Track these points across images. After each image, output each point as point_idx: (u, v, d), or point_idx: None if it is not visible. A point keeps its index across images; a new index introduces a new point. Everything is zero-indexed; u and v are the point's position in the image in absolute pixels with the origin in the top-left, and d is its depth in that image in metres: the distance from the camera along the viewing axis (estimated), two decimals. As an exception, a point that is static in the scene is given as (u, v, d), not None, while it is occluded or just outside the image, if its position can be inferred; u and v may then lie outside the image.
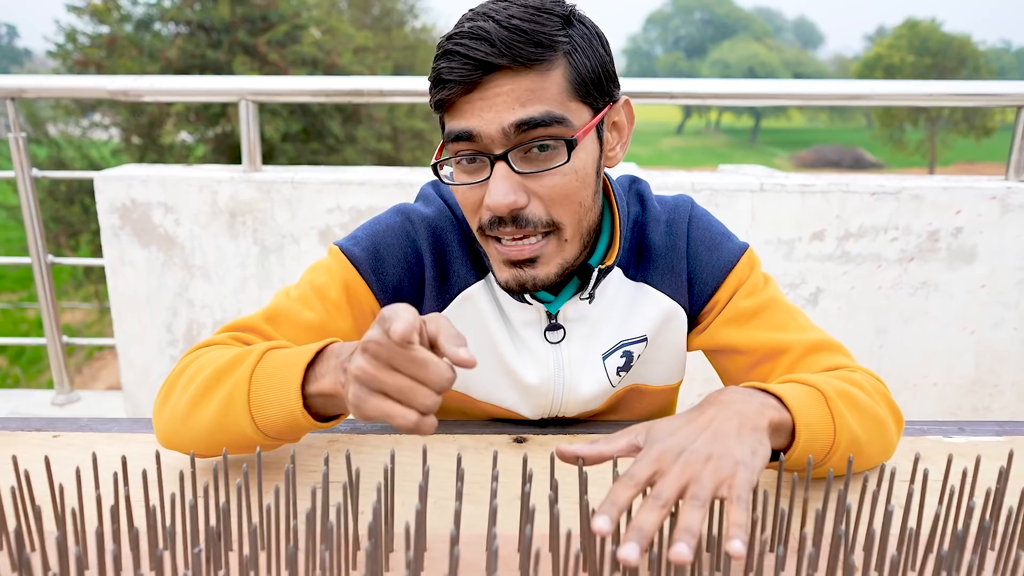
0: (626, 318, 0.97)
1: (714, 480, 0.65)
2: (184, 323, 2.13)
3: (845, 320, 2.07)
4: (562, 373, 0.96)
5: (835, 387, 0.83)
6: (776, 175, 2.12)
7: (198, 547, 0.55)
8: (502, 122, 0.78)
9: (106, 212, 2.06)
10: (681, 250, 0.97)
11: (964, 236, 2.02)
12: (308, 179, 2.02)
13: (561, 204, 0.83)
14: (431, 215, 0.96)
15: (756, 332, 0.96)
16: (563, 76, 0.80)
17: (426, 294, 0.96)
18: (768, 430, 0.73)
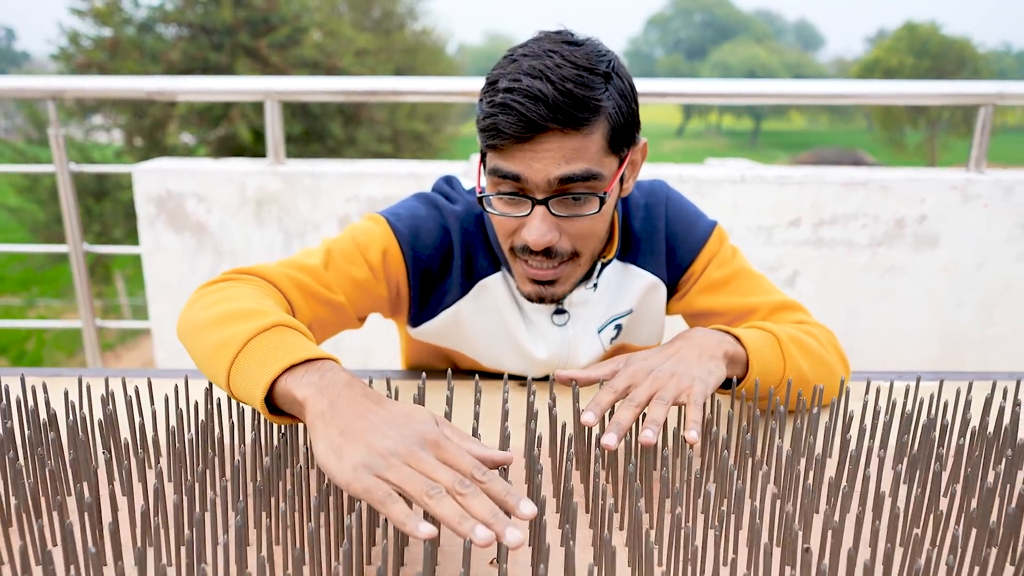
0: (616, 296, 1.14)
1: (676, 389, 0.84)
2: (213, 304, 2.32)
3: (820, 301, 2.26)
4: (566, 348, 1.13)
5: (788, 333, 1.02)
6: (757, 168, 2.31)
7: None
8: (548, 174, 0.91)
9: (143, 202, 2.25)
10: (660, 231, 1.14)
11: (928, 223, 2.21)
12: (328, 171, 2.21)
13: (585, 240, 1.00)
14: (460, 211, 1.11)
15: (728, 297, 1.14)
16: (602, 135, 0.92)
17: (451, 278, 1.11)
18: (724, 359, 0.92)
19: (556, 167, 0.91)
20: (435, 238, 1.09)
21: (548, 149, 0.90)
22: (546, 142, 0.90)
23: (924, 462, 0.78)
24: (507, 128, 0.89)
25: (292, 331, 0.82)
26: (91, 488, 0.68)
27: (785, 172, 2.19)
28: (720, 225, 1.16)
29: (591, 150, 0.92)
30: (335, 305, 1.04)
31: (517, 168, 0.92)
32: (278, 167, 2.25)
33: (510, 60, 0.93)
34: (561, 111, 0.88)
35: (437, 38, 22.17)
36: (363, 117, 14.98)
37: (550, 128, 0.89)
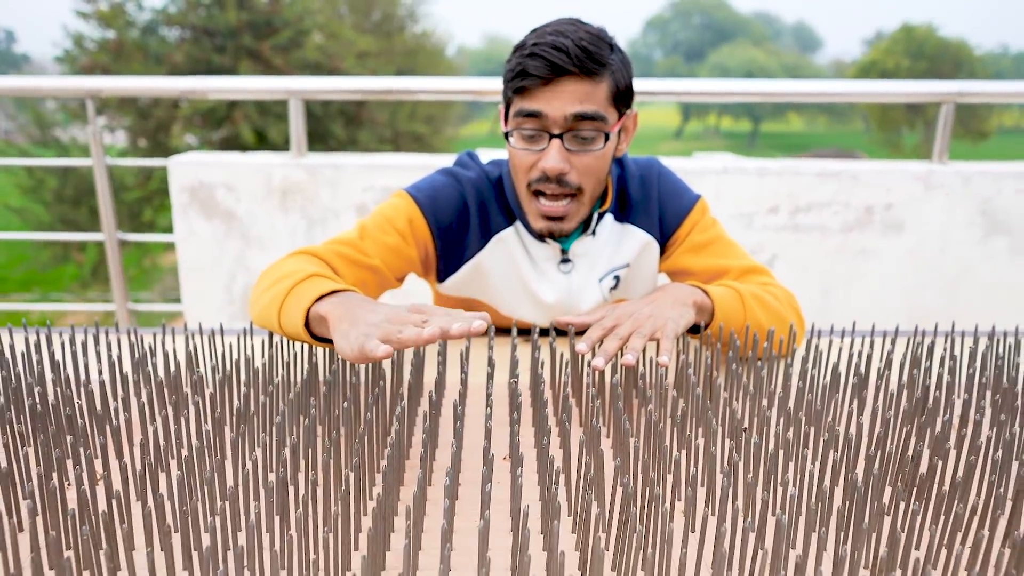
0: (615, 250, 1.36)
1: (652, 327, 1.05)
2: (241, 286, 2.53)
3: (796, 281, 2.47)
4: (570, 294, 1.35)
5: (751, 291, 1.23)
6: (739, 160, 2.52)
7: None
8: (565, 111, 1.15)
9: (177, 191, 2.46)
10: (653, 198, 1.36)
11: (894, 210, 2.42)
12: (347, 163, 2.43)
13: (589, 176, 1.22)
14: (474, 177, 1.33)
15: (706, 259, 1.35)
16: (607, 88, 1.17)
17: (470, 234, 1.33)
18: (693, 307, 1.13)
19: (572, 105, 1.15)
20: (453, 202, 1.31)
21: (566, 90, 1.14)
22: (565, 84, 1.14)
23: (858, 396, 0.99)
24: (535, 71, 1.14)
25: (322, 278, 1.06)
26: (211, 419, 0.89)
27: (764, 164, 2.41)
28: (703, 198, 1.37)
29: (599, 96, 1.16)
30: (373, 268, 1.25)
31: (540, 106, 1.15)
32: (301, 159, 2.46)
33: (535, 32, 1.18)
34: (579, 60, 1.13)
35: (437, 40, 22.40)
36: (364, 118, 15.14)
37: (570, 72, 1.13)
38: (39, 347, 0.96)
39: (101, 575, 0.60)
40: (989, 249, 2.44)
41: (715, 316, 1.16)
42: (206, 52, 14.74)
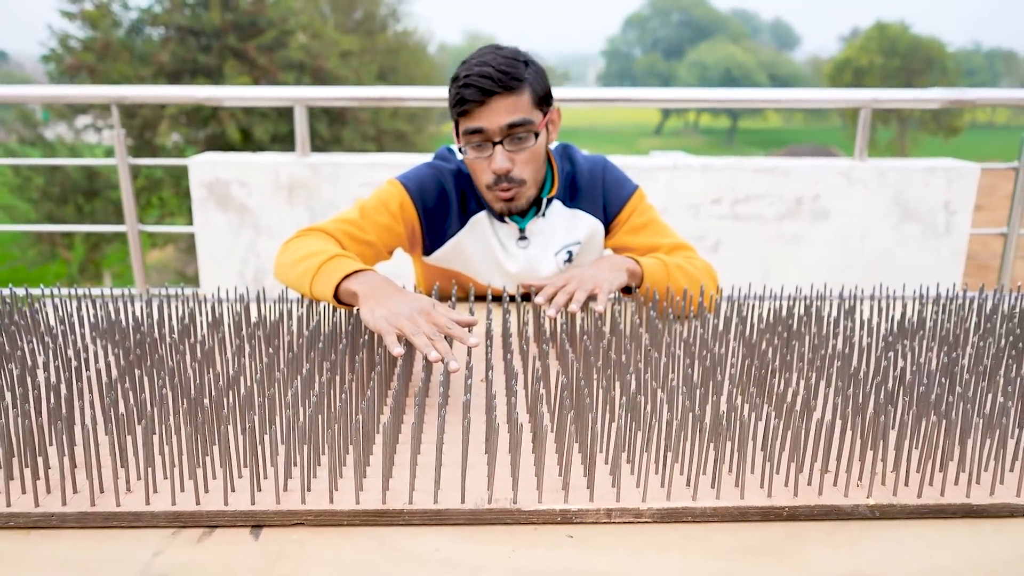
0: (567, 230, 1.71)
1: (592, 285, 1.42)
2: (252, 270, 2.88)
3: (738, 264, 2.85)
4: (530, 265, 1.71)
5: (674, 262, 1.60)
6: (688, 159, 2.90)
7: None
8: (500, 123, 1.47)
9: (196, 187, 2.81)
10: (598, 188, 1.72)
11: (821, 201, 2.81)
12: (346, 162, 2.78)
13: (527, 166, 1.57)
14: (452, 168, 1.68)
15: (642, 238, 1.71)
16: (528, 96, 1.52)
17: (451, 216, 1.68)
18: (626, 272, 1.50)
19: (504, 117, 1.48)
20: (435, 189, 1.65)
21: (497, 106, 1.47)
22: (495, 102, 1.46)
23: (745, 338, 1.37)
24: (470, 97, 1.46)
25: (346, 258, 1.39)
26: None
27: (708, 161, 2.79)
28: (641, 188, 1.73)
29: (523, 104, 1.50)
30: (369, 243, 1.60)
31: (480, 123, 1.48)
32: (305, 159, 2.82)
33: (464, 64, 1.53)
34: (502, 81, 1.46)
35: (419, 39, 22.69)
36: (348, 117, 15.36)
37: (497, 92, 1.46)
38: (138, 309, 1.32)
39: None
40: (902, 234, 2.83)
41: (644, 280, 1.53)
42: (191, 52, 14.89)
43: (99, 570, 0.79)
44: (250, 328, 1.30)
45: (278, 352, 1.23)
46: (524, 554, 0.83)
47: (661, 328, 1.32)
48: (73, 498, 0.88)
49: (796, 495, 0.90)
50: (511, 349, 1.17)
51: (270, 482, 0.91)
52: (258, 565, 0.80)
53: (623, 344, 1.27)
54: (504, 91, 1.47)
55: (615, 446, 0.91)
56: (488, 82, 1.46)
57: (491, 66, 1.46)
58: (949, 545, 0.85)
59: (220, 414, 0.96)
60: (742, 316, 1.33)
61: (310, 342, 1.23)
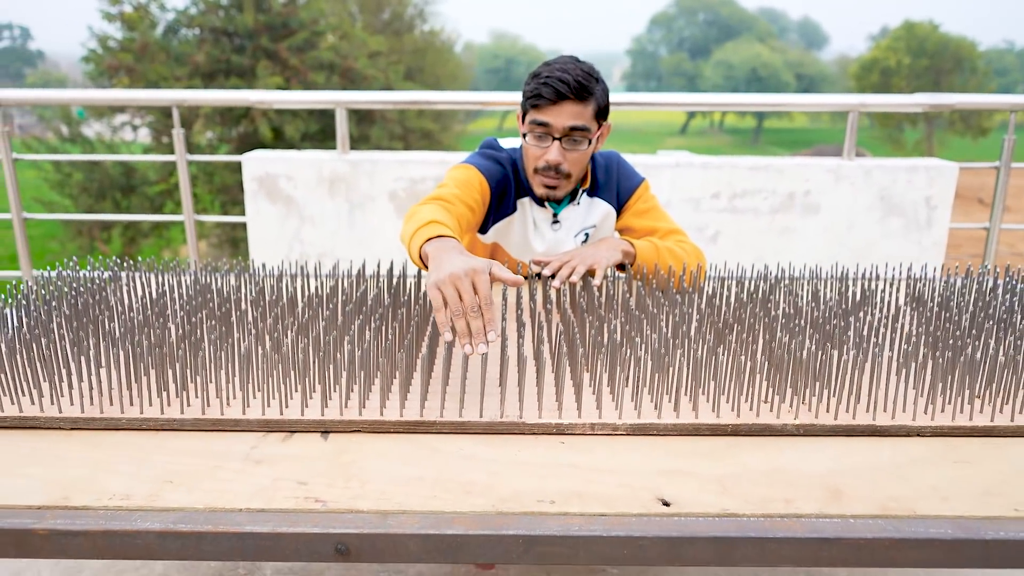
0: (587, 215, 2.00)
1: (591, 261, 1.72)
2: (297, 255, 3.21)
3: (735, 254, 3.13)
4: (556, 245, 2.00)
5: (666, 245, 1.90)
6: (691, 157, 3.19)
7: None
8: (564, 124, 1.72)
9: (249, 180, 3.14)
10: (613, 178, 2.01)
11: (811, 196, 3.08)
12: (382, 158, 3.11)
13: (576, 165, 1.85)
14: (505, 156, 1.94)
15: (643, 221, 2.01)
16: (593, 108, 1.73)
17: (509, 198, 1.94)
18: (620, 251, 1.80)
19: (569, 120, 1.73)
20: (498, 174, 1.91)
21: (566, 109, 1.71)
22: (565, 105, 1.71)
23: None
24: (547, 95, 1.71)
25: (437, 224, 1.51)
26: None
27: (707, 159, 3.08)
28: (647, 180, 2.02)
29: (587, 114, 1.76)
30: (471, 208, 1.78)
31: (548, 119, 1.73)
32: (345, 156, 3.14)
33: (546, 64, 1.78)
34: (576, 90, 1.72)
35: (446, 39, 23.01)
36: (376, 116, 15.64)
37: (569, 98, 1.71)
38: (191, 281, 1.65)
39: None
40: (887, 227, 3.10)
41: (636, 259, 1.82)
42: (226, 53, 15.22)
43: (215, 457, 1.10)
44: (311, 293, 1.62)
45: (340, 306, 1.55)
46: (527, 453, 1.13)
47: (645, 295, 1.61)
48: (188, 408, 1.20)
49: (738, 416, 1.20)
50: (522, 307, 1.48)
51: (335, 399, 1.23)
52: (327, 457, 1.11)
53: (613, 306, 1.57)
54: (575, 98, 1.71)
55: (599, 376, 1.22)
56: (565, 87, 1.69)
57: (571, 74, 1.70)
58: (855, 453, 1.14)
59: (299, 346, 1.28)
60: (714, 289, 1.62)
61: (362, 300, 1.55)
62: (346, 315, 1.44)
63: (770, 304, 1.56)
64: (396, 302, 1.55)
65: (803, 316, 1.50)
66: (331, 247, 3.20)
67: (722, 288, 1.63)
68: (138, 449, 1.11)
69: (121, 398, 1.19)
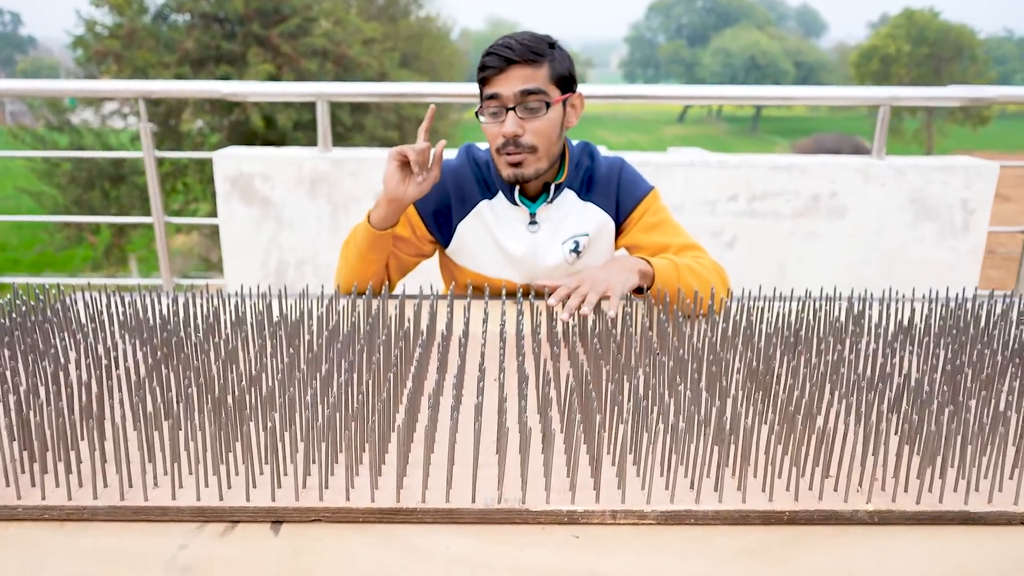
0: (578, 221, 1.75)
1: (604, 287, 1.46)
2: (275, 262, 2.94)
3: (754, 260, 2.87)
4: (535, 249, 1.75)
5: (684, 262, 1.63)
6: (705, 155, 2.92)
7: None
8: (514, 89, 1.56)
9: (221, 180, 2.87)
10: (614, 185, 1.76)
11: (838, 198, 2.82)
12: (367, 156, 2.83)
13: (538, 136, 1.62)
14: (456, 165, 1.75)
15: (654, 237, 1.75)
16: (547, 72, 1.60)
17: (453, 212, 1.74)
18: (637, 274, 1.54)
19: (519, 84, 1.57)
20: (434, 189, 1.72)
21: (514, 74, 1.57)
22: (513, 70, 1.57)
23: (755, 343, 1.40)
24: (491, 63, 1.58)
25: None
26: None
27: (724, 158, 2.81)
28: (657, 189, 1.77)
29: (540, 76, 1.58)
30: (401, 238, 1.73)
31: (497, 89, 1.57)
32: (327, 154, 2.87)
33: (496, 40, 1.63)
34: (521, 52, 1.56)
35: (442, 25, 22.67)
36: (371, 105, 15.42)
37: (515, 62, 1.56)
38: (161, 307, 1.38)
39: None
40: (918, 232, 2.84)
41: (655, 281, 1.56)
42: (216, 39, 14.99)
43: (128, 562, 0.84)
44: (272, 327, 1.35)
45: (299, 351, 1.28)
46: (531, 553, 0.87)
47: (670, 331, 1.35)
48: (104, 492, 0.93)
49: (796, 500, 0.93)
50: (523, 350, 1.22)
51: (290, 479, 0.96)
52: (278, 559, 0.85)
53: (632, 346, 1.31)
54: (522, 62, 1.56)
55: (621, 449, 0.96)
56: (508, 51, 1.57)
57: (515, 39, 1.58)
58: (946, 551, 0.88)
59: (243, 412, 1.01)
60: (750, 320, 1.36)
61: (329, 342, 1.28)
62: (309, 362, 1.17)
63: (820, 341, 1.30)
64: (371, 342, 1.28)
65: (866, 359, 1.23)
66: (312, 253, 2.93)
67: (760, 320, 1.37)
68: (34, 548, 0.85)
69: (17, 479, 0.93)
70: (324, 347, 1.27)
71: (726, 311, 1.41)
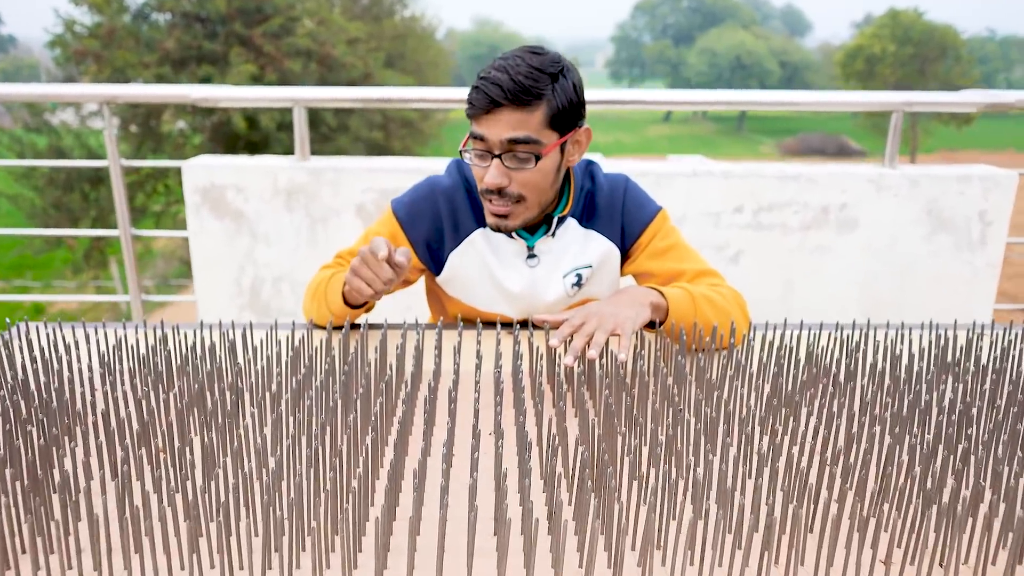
0: (579, 252, 1.58)
1: (613, 324, 1.27)
2: (249, 279, 2.75)
3: (760, 275, 2.70)
4: (535, 285, 1.57)
5: (701, 292, 1.45)
6: (708, 163, 2.75)
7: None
8: (500, 136, 1.36)
9: (190, 192, 2.67)
10: (617, 208, 1.58)
11: (848, 210, 2.65)
12: (348, 166, 2.64)
13: (527, 188, 1.43)
14: (450, 186, 1.55)
15: (665, 263, 1.57)
16: (543, 114, 1.37)
17: (445, 240, 1.56)
18: (649, 306, 1.36)
19: (506, 131, 1.35)
20: (427, 213, 1.55)
21: (502, 119, 1.35)
22: (501, 114, 1.34)
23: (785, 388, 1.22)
24: (477, 103, 1.36)
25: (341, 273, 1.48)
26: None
27: (729, 167, 2.63)
28: (665, 209, 1.59)
29: (533, 123, 1.35)
30: None
31: (483, 131, 1.37)
32: (304, 163, 2.67)
33: (493, 62, 1.39)
34: (512, 93, 1.32)
35: (427, 24, 22.44)
36: (355, 105, 15.19)
37: (503, 105, 1.33)
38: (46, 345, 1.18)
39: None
40: (934, 245, 2.68)
41: (669, 314, 1.38)
42: (197, 39, 14.75)
43: None
44: (232, 377, 1.16)
45: (261, 408, 1.10)
46: None
47: (689, 375, 1.18)
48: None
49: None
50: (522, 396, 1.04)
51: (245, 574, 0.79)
52: None
53: (648, 396, 1.13)
54: (514, 103, 1.33)
55: (644, 535, 0.78)
56: (498, 91, 1.33)
57: (509, 73, 1.33)
58: None
59: (188, 497, 0.83)
60: (780, 364, 1.19)
61: (297, 397, 1.09)
62: (274, 423, 0.99)
63: (863, 390, 1.13)
64: (348, 396, 1.10)
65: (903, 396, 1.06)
66: (289, 269, 2.73)
67: (790, 360, 1.19)
68: None
69: None
70: (290, 403, 1.08)
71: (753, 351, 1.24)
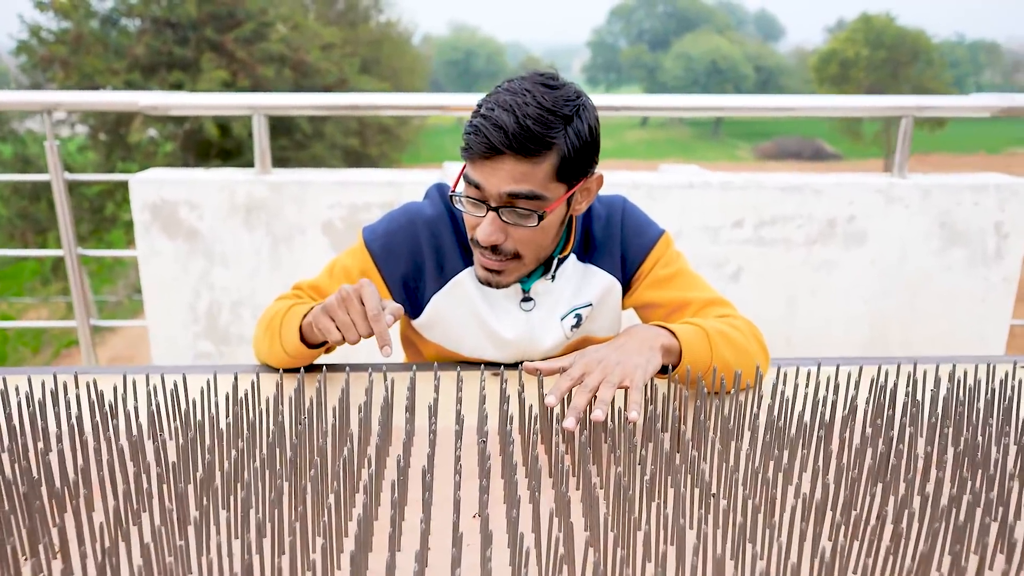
0: (577, 290, 1.36)
1: (621, 375, 1.06)
2: (206, 304, 2.50)
3: (761, 293, 2.50)
4: (531, 331, 1.35)
5: (715, 327, 1.24)
6: (704, 174, 2.55)
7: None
8: (499, 188, 1.14)
9: (139, 210, 2.42)
10: (616, 237, 1.36)
11: (856, 223, 2.46)
12: (313, 180, 2.40)
13: (527, 245, 1.22)
14: (433, 217, 1.33)
15: (669, 292, 1.36)
16: (550, 165, 1.14)
17: (426, 280, 1.33)
18: (660, 350, 1.14)
19: (506, 184, 1.14)
20: (406, 248, 1.32)
21: (503, 168, 1.13)
22: (502, 163, 1.13)
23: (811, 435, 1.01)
24: (475, 146, 1.13)
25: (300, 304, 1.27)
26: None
27: (728, 178, 2.43)
28: (668, 233, 1.38)
29: (538, 176, 1.14)
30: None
31: (479, 178, 1.15)
32: (265, 176, 2.44)
33: (496, 90, 1.16)
34: (516, 141, 1.10)
35: (403, 30, 22.21)
36: (330, 111, 14.96)
37: (506, 152, 1.11)
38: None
39: None
40: (947, 259, 2.49)
41: (682, 358, 1.17)
42: (168, 44, 14.48)
43: None
44: (164, 435, 0.93)
45: (211, 466, 0.87)
46: None
47: (712, 433, 0.97)
48: None
49: None
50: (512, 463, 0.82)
51: None
52: None
53: (666, 466, 0.91)
54: (518, 153, 1.11)
55: None
56: (500, 136, 1.10)
57: (516, 114, 1.10)
58: None
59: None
60: (825, 423, 0.98)
61: (228, 482, 0.86)
62: (227, 477, 0.76)
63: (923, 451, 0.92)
64: (301, 466, 0.87)
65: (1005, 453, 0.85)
66: (249, 293, 2.49)
67: (828, 413, 0.98)
68: None
69: None
70: (234, 472, 0.85)
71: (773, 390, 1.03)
